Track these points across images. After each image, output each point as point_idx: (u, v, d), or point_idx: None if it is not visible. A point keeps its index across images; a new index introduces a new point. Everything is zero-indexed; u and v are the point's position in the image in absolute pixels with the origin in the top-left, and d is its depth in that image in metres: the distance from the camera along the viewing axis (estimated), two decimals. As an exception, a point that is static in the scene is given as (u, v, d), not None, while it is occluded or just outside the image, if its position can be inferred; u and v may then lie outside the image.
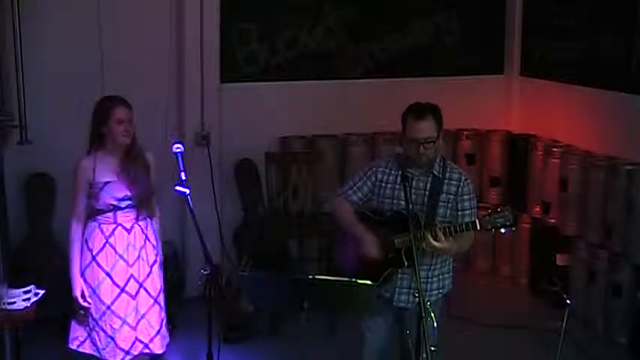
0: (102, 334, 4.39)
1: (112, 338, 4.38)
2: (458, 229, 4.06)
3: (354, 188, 4.30)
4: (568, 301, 4.24)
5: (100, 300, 4.38)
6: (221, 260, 6.35)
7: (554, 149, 6.60)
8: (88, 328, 4.42)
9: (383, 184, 4.23)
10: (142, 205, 4.42)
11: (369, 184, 4.27)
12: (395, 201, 4.18)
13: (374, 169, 4.28)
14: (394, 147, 4.39)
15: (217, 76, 6.64)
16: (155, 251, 4.53)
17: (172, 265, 6.33)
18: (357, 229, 4.22)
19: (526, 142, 7.01)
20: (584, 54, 6.60)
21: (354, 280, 3.74)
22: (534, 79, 7.21)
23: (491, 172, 7.29)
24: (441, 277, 4.29)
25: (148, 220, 4.50)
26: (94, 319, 4.40)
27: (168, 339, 4.60)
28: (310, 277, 3.80)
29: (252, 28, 6.78)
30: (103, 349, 4.40)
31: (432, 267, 4.24)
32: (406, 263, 4.10)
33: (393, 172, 4.22)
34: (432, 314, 3.82)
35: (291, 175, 6.73)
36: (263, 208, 6.72)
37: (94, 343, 4.42)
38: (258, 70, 6.85)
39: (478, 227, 4.04)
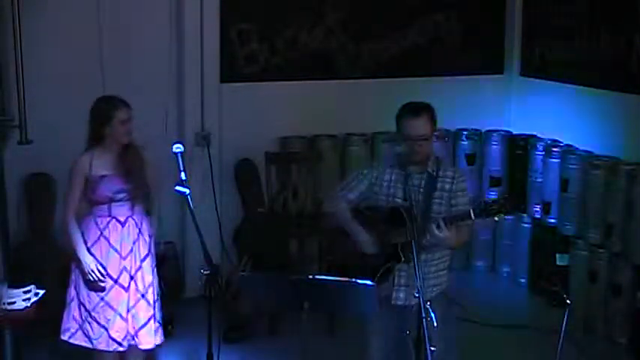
0: (95, 324, 4.46)
1: (106, 329, 4.45)
2: (454, 219, 4.11)
3: (350, 187, 4.39)
4: (568, 301, 4.25)
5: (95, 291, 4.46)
6: (221, 260, 6.35)
7: (554, 149, 6.60)
8: (80, 319, 4.49)
9: (379, 182, 4.32)
10: (137, 198, 4.50)
11: (365, 182, 4.35)
12: (390, 198, 4.26)
13: (367, 170, 4.38)
14: (393, 147, 4.45)
15: (217, 76, 6.64)
16: (147, 246, 4.59)
17: (172, 265, 6.33)
18: (352, 227, 4.31)
19: (526, 142, 7.01)
20: (584, 54, 6.60)
21: (354, 280, 3.75)
22: (534, 79, 7.20)
23: (491, 172, 7.29)
24: (437, 273, 4.33)
25: (143, 215, 4.56)
26: (87, 310, 4.46)
27: (160, 338, 4.62)
28: (310, 277, 3.81)
29: (252, 28, 6.77)
30: (96, 339, 4.45)
31: (429, 263, 4.27)
32: (402, 258, 4.17)
33: (387, 170, 4.31)
34: (432, 314, 3.82)
35: (291, 175, 6.72)
36: (263, 208, 6.71)
37: (85, 334, 4.48)
38: (258, 70, 6.84)
39: (472, 216, 4.07)
